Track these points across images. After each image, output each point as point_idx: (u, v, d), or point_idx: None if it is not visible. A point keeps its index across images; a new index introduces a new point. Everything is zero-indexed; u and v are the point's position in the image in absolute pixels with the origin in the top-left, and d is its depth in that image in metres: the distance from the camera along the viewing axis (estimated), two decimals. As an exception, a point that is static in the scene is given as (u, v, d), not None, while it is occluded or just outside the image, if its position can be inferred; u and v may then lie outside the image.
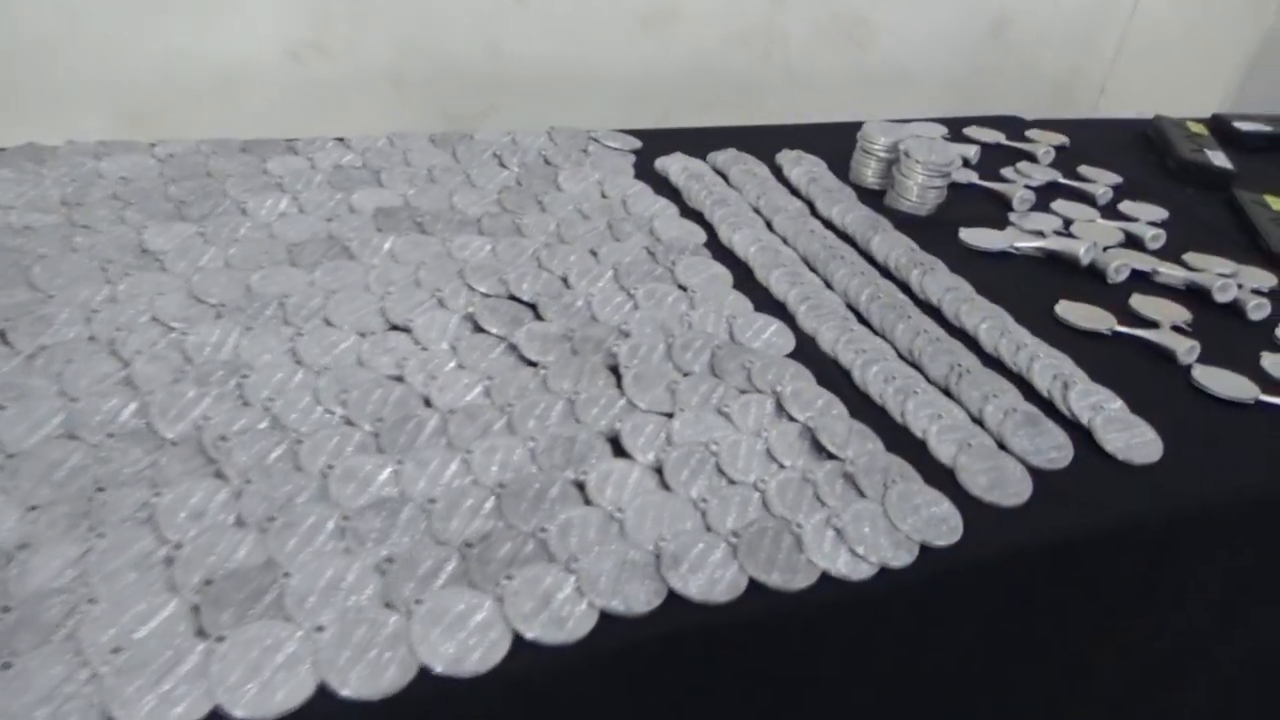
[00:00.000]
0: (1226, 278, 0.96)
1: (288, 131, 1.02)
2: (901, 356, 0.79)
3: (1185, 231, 1.10)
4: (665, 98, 1.80)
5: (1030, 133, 1.28)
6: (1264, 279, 0.99)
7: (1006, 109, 1.41)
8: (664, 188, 1.01)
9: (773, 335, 0.79)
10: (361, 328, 0.73)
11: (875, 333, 0.82)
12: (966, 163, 1.17)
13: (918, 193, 1.02)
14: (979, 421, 0.73)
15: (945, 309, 0.86)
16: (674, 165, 1.03)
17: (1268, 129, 1.38)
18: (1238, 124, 1.38)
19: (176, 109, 1.34)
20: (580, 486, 0.62)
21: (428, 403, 0.67)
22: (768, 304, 0.85)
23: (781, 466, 0.66)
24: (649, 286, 0.83)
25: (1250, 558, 0.78)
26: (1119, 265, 0.96)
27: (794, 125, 1.26)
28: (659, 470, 0.64)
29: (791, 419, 0.70)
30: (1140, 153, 1.31)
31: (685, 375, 0.73)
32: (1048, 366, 0.79)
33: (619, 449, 0.66)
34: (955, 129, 1.27)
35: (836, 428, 0.69)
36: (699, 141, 1.12)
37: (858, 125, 1.09)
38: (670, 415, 0.69)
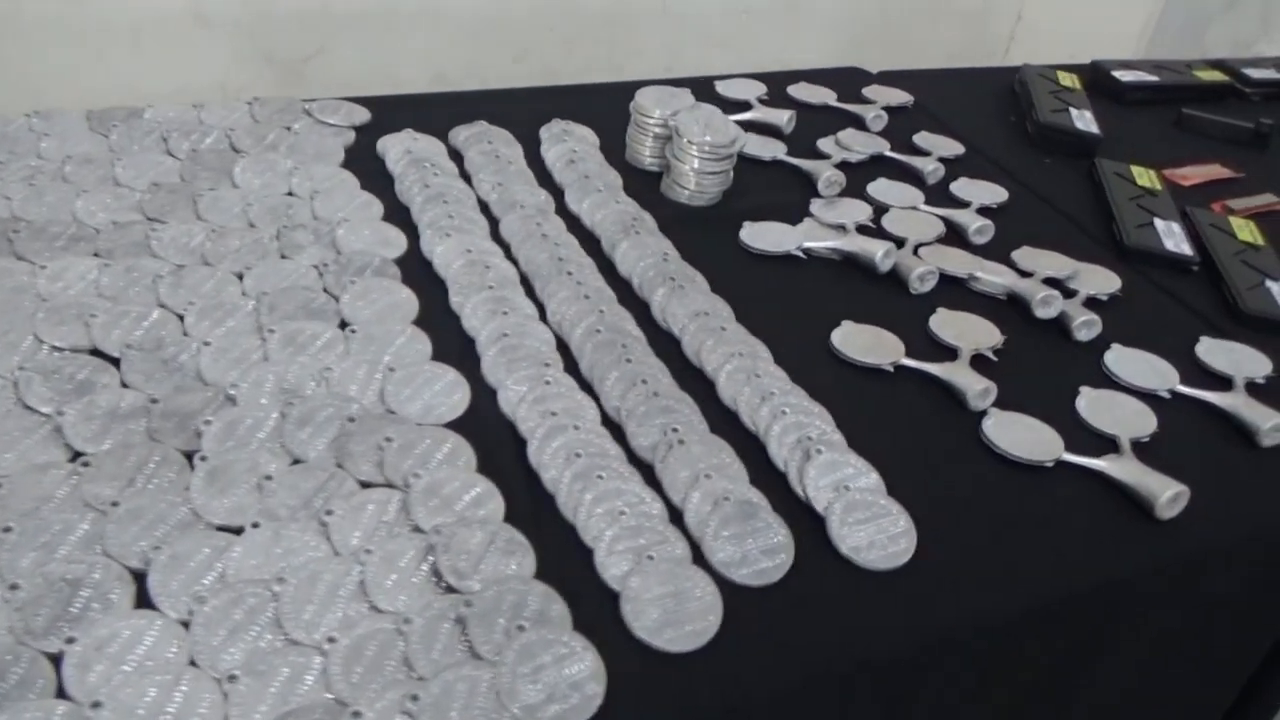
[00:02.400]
0: (1054, 287, 0.78)
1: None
2: (607, 419, 0.62)
3: (1027, 217, 0.92)
4: (521, 34, 1.58)
5: (869, 90, 1.09)
6: (1107, 283, 0.82)
7: (906, 50, 1.21)
8: (381, 178, 0.82)
9: (438, 394, 0.61)
10: None
11: (582, 384, 0.64)
12: (779, 134, 0.98)
13: (694, 180, 0.84)
14: (677, 518, 0.56)
15: (685, 344, 0.69)
16: (395, 147, 0.84)
17: (1152, 78, 1.20)
18: (1118, 73, 1.19)
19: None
20: (57, 662, 0.45)
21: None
22: (455, 344, 0.66)
23: (376, 611, 0.49)
24: (292, 326, 0.64)
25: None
26: (923, 273, 0.78)
27: (607, 84, 1.06)
28: (187, 626, 0.47)
29: (417, 529, 0.53)
30: (1003, 112, 1.12)
31: (294, 464, 0.55)
32: (791, 427, 0.62)
33: (145, 593, 0.48)
34: (780, 85, 1.08)
35: (471, 542, 0.52)
36: (466, 107, 0.92)
37: (703, 81, 0.88)
38: (240, 532, 0.51)
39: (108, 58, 1.24)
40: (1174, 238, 0.89)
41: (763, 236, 0.81)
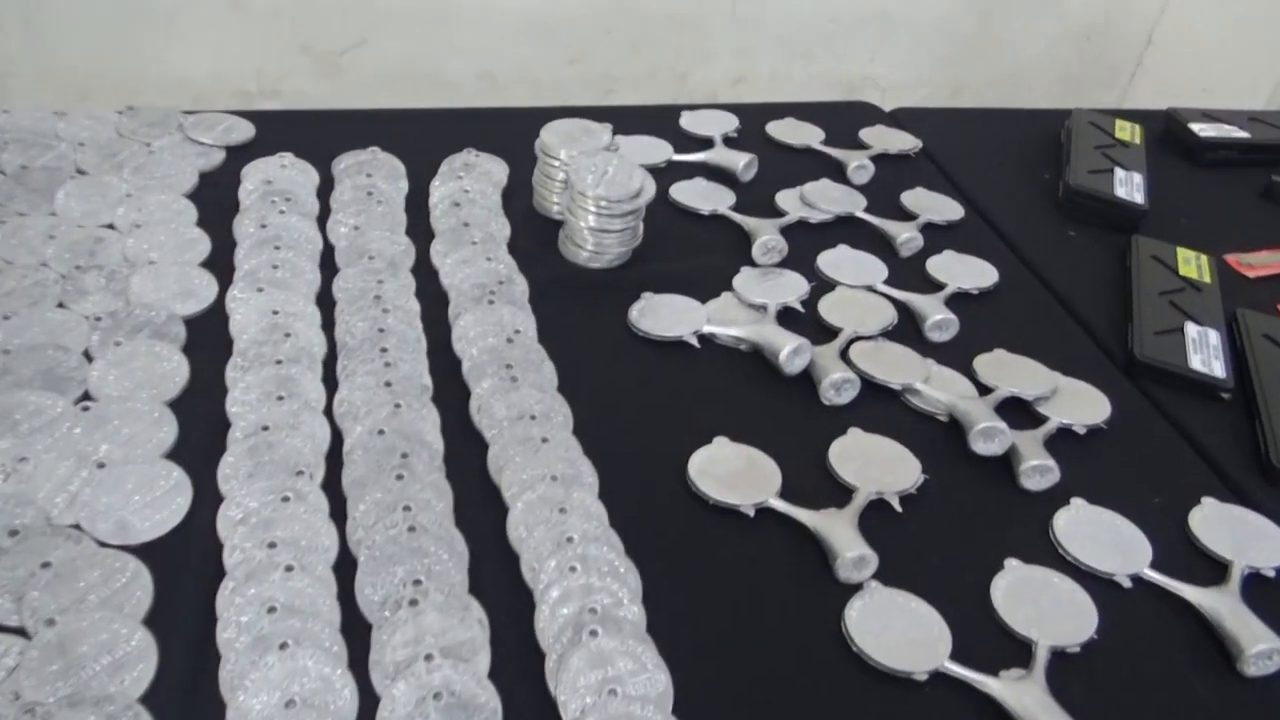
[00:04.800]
0: (1021, 409, 0.61)
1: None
2: (350, 556, 0.49)
3: (1018, 309, 0.74)
4: (578, 35, 1.47)
5: (868, 132, 0.92)
6: (1092, 411, 0.64)
7: (1010, 72, 1.02)
8: (236, 212, 0.71)
9: (149, 504, 0.50)
10: None
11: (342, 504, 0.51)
12: (735, 180, 0.82)
13: (591, 239, 0.69)
14: (372, 712, 0.43)
15: (490, 458, 0.55)
16: (255, 174, 0.73)
17: (1239, 134, 0.98)
18: (1197, 126, 0.98)
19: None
20: None
21: None
22: (211, 434, 0.55)
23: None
24: (13, 398, 0.53)
25: None
26: (838, 380, 0.62)
27: (620, 107, 0.93)
28: None
29: (18, 698, 0.41)
30: (1040, 168, 0.93)
31: (-80, 586, 0.45)
32: (575, 593, 0.48)
33: None
34: (761, 119, 0.92)
35: (72, 727, 0.40)
36: (425, 125, 0.82)
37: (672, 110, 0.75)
38: None
39: (141, 43, 1.19)
40: (1206, 351, 0.70)
41: (655, 315, 0.66)
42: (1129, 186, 0.85)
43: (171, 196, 0.70)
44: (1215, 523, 0.58)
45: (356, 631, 0.46)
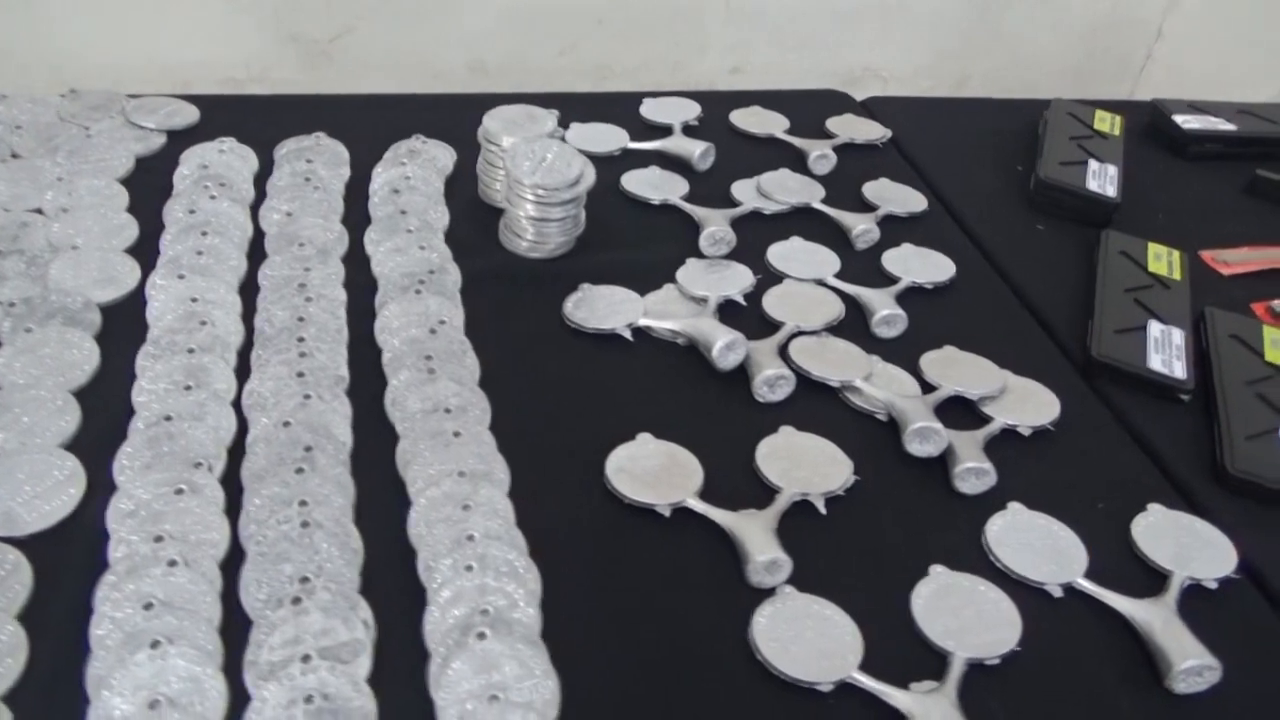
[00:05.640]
0: (965, 408, 0.59)
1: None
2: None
3: (974, 305, 0.72)
4: (570, 24, 1.45)
5: (836, 121, 0.90)
6: (1039, 412, 0.62)
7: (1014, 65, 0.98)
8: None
9: (37, 495, 0.49)
10: None
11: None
12: (692, 169, 0.80)
13: (530, 228, 0.68)
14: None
15: (398, 452, 0.53)
16: (192, 159, 0.71)
17: (1226, 127, 0.94)
18: (1180, 118, 0.95)
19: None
20: None
21: None
22: (115, 424, 0.53)
23: None
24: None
25: None
26: (772, 376, 0.60)
27: (606, 94, 0.91)
28: None
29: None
30: (1016, 159, 0.90)
31: None
32: (468, 593, 0.46)
33: None
34: (727, 107, 0.90)
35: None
36: (383, 112, 0.82)
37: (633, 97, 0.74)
38: None
39: (130, 30, 1.17)
40: (1168, 350, 0.67)
41: (591, 306, 0.64)
42: (1102, 179, 0.82)
43: (104, 181, 0.69)
44: (1159, 531, 0.55)
45: (240, 630, 0.44)
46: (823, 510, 0.54)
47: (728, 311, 0.66)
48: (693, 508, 0.52)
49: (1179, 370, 0.65)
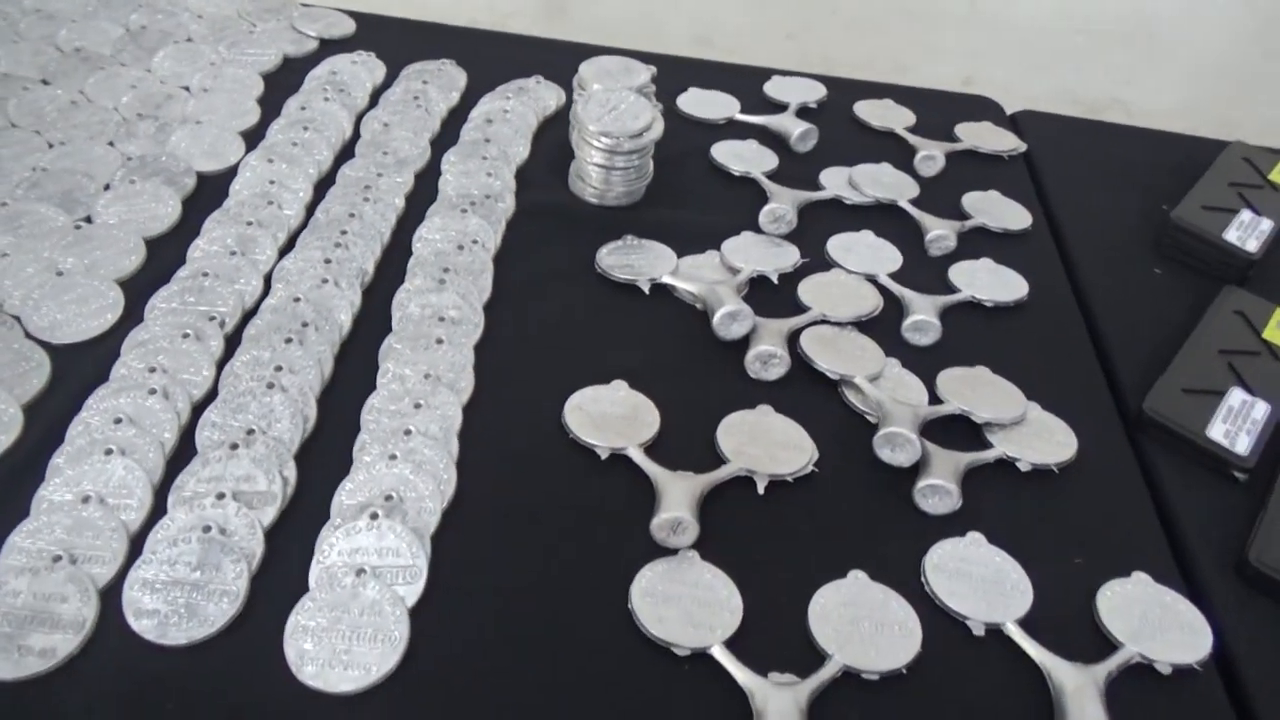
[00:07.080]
0: (973, 432, 0.56)
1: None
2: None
3: (1033, 334, 0.67)
4: (802, 10, 1.47)
5: (964, 127, 0.85)
6: (1045, 451, 0.57)
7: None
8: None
9: (83, 314, 0.57)
10: None
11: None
12: (788, 145, 0.79)
13: (596, 175, 0.70)
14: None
15: (384, 343, 0.57)
16: (327, 65, 0.79)
17: None
18: (1388, 184, 0.82)
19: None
20: None
21: None
22: (170, 270, 0.61)
23: None
24: (22, 207, 0.62)
25: None
26: (764, 353, 0.59)
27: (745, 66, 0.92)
28: None
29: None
30: (1159, 197, 0.82)
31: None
32: (372, 479, 0.49)
33: None
34: (859, 96, 0.87)
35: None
36: (513, 49, 0.86)
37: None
38: None
39: None
40: (1240, 423, 0.59)
41: (625, 256, 0.66)
42: (1245, 231, 0.73)
43: (248, 72, 0.77)
44: (1130, 600, 0.50)
45: (187, 462, 0.50)
46: (760, 490, 0.53)
47: (761, 288, 0.65)
48: (631, 457, 0.53)
49: (1242, 445, 0.58)
